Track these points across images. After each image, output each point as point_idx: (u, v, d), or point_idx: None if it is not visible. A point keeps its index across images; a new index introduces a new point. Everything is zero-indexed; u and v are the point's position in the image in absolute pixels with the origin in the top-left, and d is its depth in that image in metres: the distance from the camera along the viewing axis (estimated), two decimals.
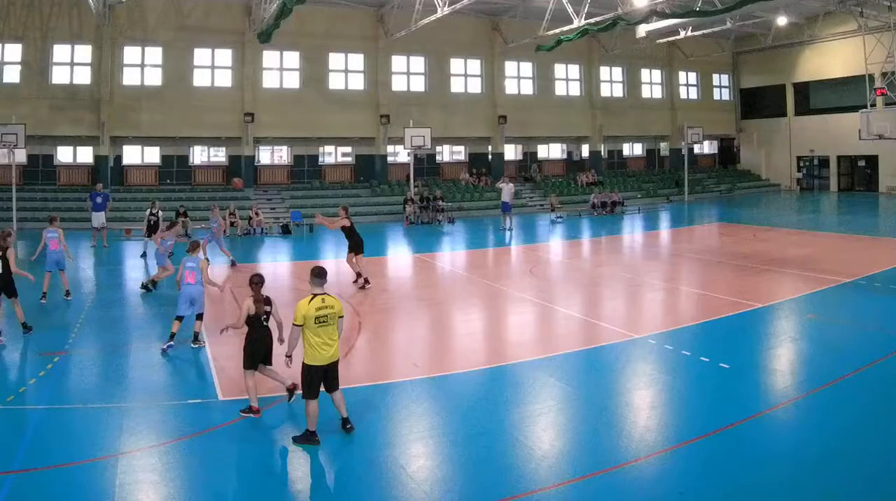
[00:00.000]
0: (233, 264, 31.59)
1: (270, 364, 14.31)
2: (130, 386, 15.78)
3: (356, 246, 26.82)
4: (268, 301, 14.12)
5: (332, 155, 61.39)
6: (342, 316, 12.84)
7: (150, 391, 15.32)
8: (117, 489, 10.68)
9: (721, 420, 13.36)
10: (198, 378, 16.54)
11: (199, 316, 18.70)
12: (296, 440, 12.49)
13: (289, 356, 12.76)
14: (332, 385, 12.78)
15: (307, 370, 12.40)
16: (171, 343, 18.18)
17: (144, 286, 26.90)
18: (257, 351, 14.00)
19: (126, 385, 15.86)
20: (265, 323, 14.04)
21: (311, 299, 12.44)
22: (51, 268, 24.40)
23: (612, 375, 16.51)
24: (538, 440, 12.77)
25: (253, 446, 12.64)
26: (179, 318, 18.43)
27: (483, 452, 12.11)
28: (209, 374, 16.45)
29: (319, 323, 12.33)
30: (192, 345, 18.38)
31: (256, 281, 14.21)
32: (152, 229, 33.14)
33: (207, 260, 20.98)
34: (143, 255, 34.41)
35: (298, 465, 11.96)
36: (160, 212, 34.59)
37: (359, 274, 26.85)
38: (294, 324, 12.42)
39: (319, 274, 12.82)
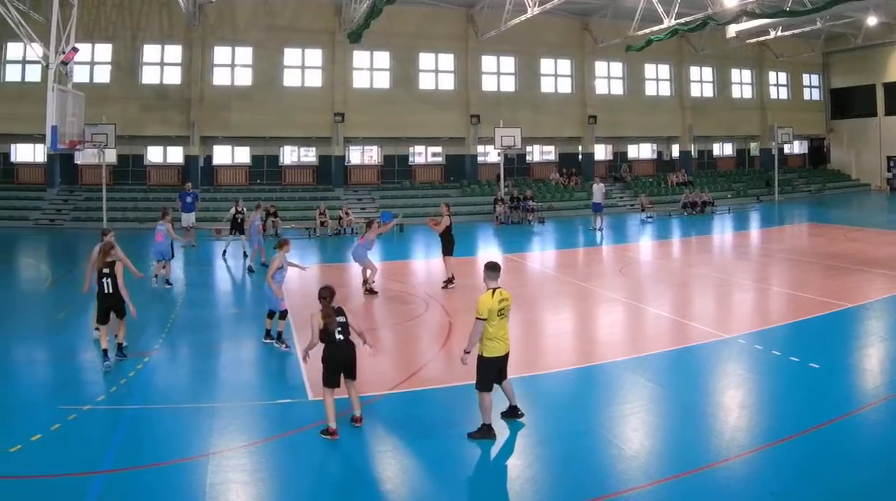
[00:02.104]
0: (249, 270, 29.25)
1: (354, 378, 12.94)
2: (220, 385, 15.42)
3: (448, 246, 25.54)
4: (340, 312, 12.67)
5: (422, 155, 58.32)
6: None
7: (239, 391, 14.89)
8: (207, 489, 10.28)
9: (811, 421, 12.68)
10: (287, 377, 15.81)
11: (271, 314, 17.89)
12: (471, 436, 12.05)
13: (468, 352, 12.17)
14: (503, 375, 12.47)
15: (486, 363, 12.06)
16: (271, 340, 17.72)
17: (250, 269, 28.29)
18: (335, 368, 12.60)
19: (216, 384, 15.49)
20: (342, 337, 12.61)
21: (493, 293, 12.02)
22: (157, 258, 25.35)
23: (701, 375, 15.90)
24: (628, 439, 12.19)
25: (342, 446, 11.99)
26: (283, 314, 17.71)
27: (573, 451, 11.68)
28: (299, 374, 15.52)
29: (500, 315, 12.03)
30: (264, 341, 17.86)
31: (325, 295, 12.76)
32: (238, 227, 32.62)
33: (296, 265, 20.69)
34: (224, 254, 32.86)
35: (387, 465, 11.43)
36: (245, 210, 32.98)
37: (453, 276, 25.42)
38: (478, 319, 11.92)
39: (495, 269, 12.43)
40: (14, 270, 31.67)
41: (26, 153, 50.44)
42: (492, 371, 12.07)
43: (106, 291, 16.12)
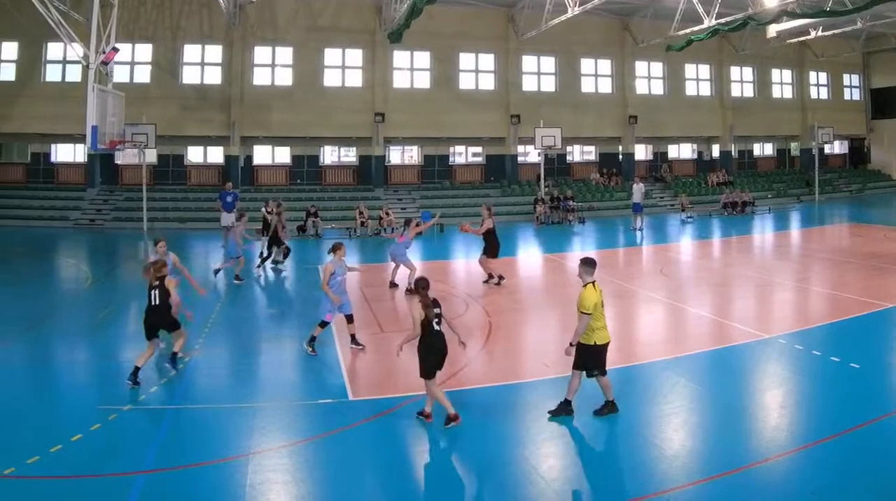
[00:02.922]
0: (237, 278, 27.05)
1: (441, 369, 12.83)
2: (260, 385, 15.27)
3: (493, 249, 25.22)
4: (436, 303, 12.71)
5: (462, 155, 56.99)
6: None
7: (280, 391, 14.64)
8: (248, 489, 10.23)
9: (851, 421, 12.37)
10: (328, 378, 15.49)
11: (323, 324, 16.99)
12: (598, 413, 12.51)
13: (573, 344, 12.34)
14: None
15: (598, 350, 12.31)
16: (357, 347, 17.10)
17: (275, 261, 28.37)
18: (438, 357, 12.63)
19: (256, 384, 15.32)
20: (438, 328, 12.60)
21: (593, 286, 12.27)
22: (231, 256, 26.30)
23: (742, 375, 15.59)
24: (668, 439, 12.00)
25: (383, 446, 11.90)
26: (348, 317, 17.18)
27: (613, 451, 11.72)
28: (340, 374, 15.52)
29: (602, 307, 12.31)
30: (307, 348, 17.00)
31: (423, 285, 12.83)
32: (268, 228, 30.89)
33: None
34: (261, 254, 30.87)
35: (428, 465, 11.28)
36: (274, 211, 31.48)
37: (491, 276, 25.25)
38: (584, 313, 12.10)
39: (592, 264, 12.63)
40: (54, 270, 31.19)
41: (67, 153, 49.83)
42: (601, 357, 12.39)
43: (152, 303, 15.25)
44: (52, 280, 28.76)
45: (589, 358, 12.35)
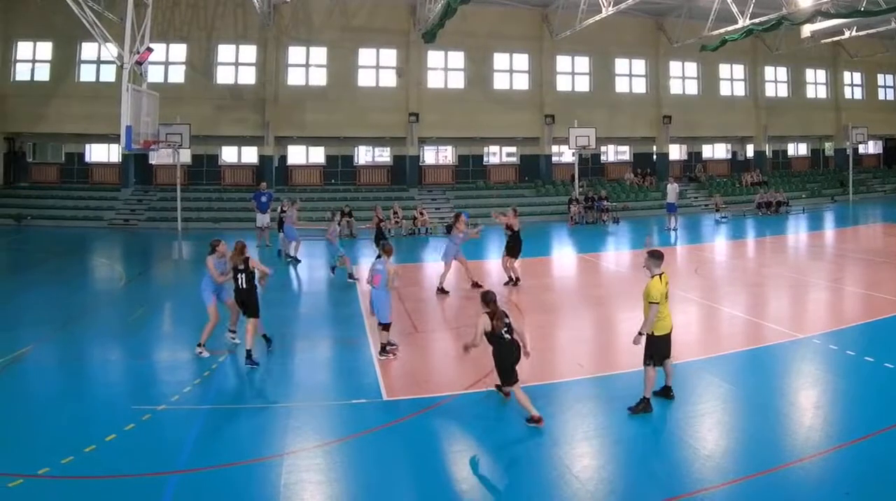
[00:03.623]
0: (333, 270, 27.49)
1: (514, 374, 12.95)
2: (295, 385, 14.91)
3: (516, 250, 24.63)
4: (505, 313, 12.81)
5: (496, 155, 55.70)
6: None
7: (314, 391, 14.42)
8: (282, 489, 10.04)
9: (886, 421, 12.01)
10: (362, 378, 15.06)
11: (383, 326, 16.35)
12: (633, 410, 12.44)
13: (642, 334, 12.48)
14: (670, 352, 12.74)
15: (660, 340, 12.47)
16: (384, 356, 16.15)
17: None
18: (512, 364, 12.68)
19: (290, 384, 14.98)
20: (509, 336, 12.66)
21: (660, 278, 12.42)
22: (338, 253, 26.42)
23: (776, 375, 15.24)
24: (703, 439, 11.72)
25: (417, 446, 11.62)
26: (386, 327, 16.28)
27: (647, 452, 11.37)
28: (374, 374, 15.17)
29: (666, 298, 12.38)
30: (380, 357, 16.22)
31: (492, 298, 12.91)
32: (279, 225, 31.64)
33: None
34: (279, 253, 31.83)
35: (462, 465, 11.01)
36: (289, 210, 31.38)
37: (510, 278, 24.72)
38: (652, 303, 12.23)
39: (660, 257, 12.73)
40: (88, 270, 30.84)
41: (101, 153, 49.44)
42: (664, 346, 12.47)
43: (241, 286, 16.24)
44: (87, 280, 28.36)
45: (649, 346, 12.44)
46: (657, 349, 12.47)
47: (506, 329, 12.58)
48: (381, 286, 16.11)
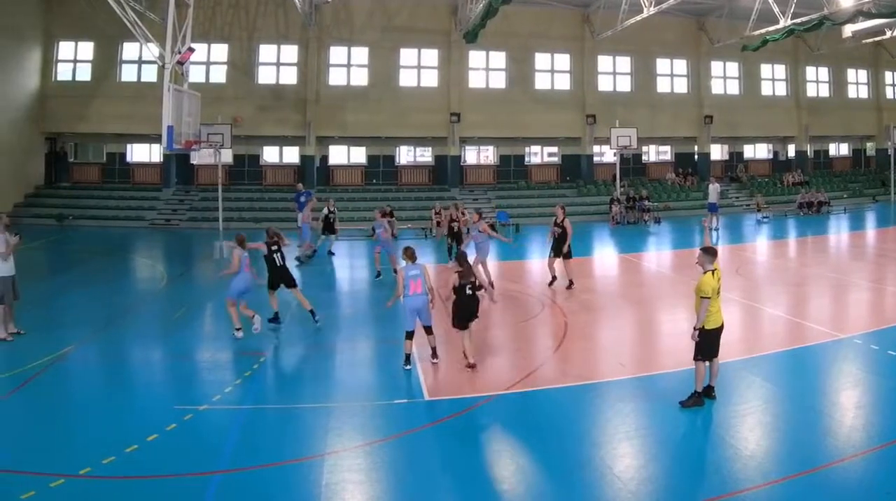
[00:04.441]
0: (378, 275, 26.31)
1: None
2: (335, 385, 14.52)
3: (563, 249, 23.46)
4: (472, 274, 14.67)
5: (537, 155, 54.13)
6: None
7: (355, 391, 14.02)
8: (323, 489, 9.78)
9: None
10: (403, 378, 14.64)
11: (429, 330, 15.52)
12: (684, 404, 12.32)
13: (697, 329, 12.32)
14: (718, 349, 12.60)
15: (711, 334, 12.34)
16: (409, 366, 15.09)
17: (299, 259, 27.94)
18: (465, 315, 14.57)
19: (331, 384, 14.58)
20: (469, 291, 14.39)
21: (713, 274, 12.29)
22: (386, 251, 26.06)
23: (817, 375, 14.87)
24: (744, 439, 11.35)
25: (458, 446, 11.44)
26: (410, 335, 15.18)
27: (689, 452, 11.19)
28: (415, 374, 14.74)
29: (717, 293, 12.27)
30: (405, 367, 15.20)
31: (464, 259, 15.09)
32: (329, 227, 31.03)
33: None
34: (331, 253, 31.48)
35: (503, 465, 10.81)
36: (336, 210, 31.58)
37: (554, 278, 23.91)
38: (704, 298, 12.13)
39: (713, 253, 12.55)
40: (130, 270, 30.44)
41: (142, 153, 48.59)
42: (714, 341, 12.34)
43: (278, 264, 18.04)
44: (128, 279, 27.93)
45: (700, 341, 12.32)
46: (707, 343, 12.34)
47: (469, 286, 14.33)
48: (424, 291, 15.28)
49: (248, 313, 17.55)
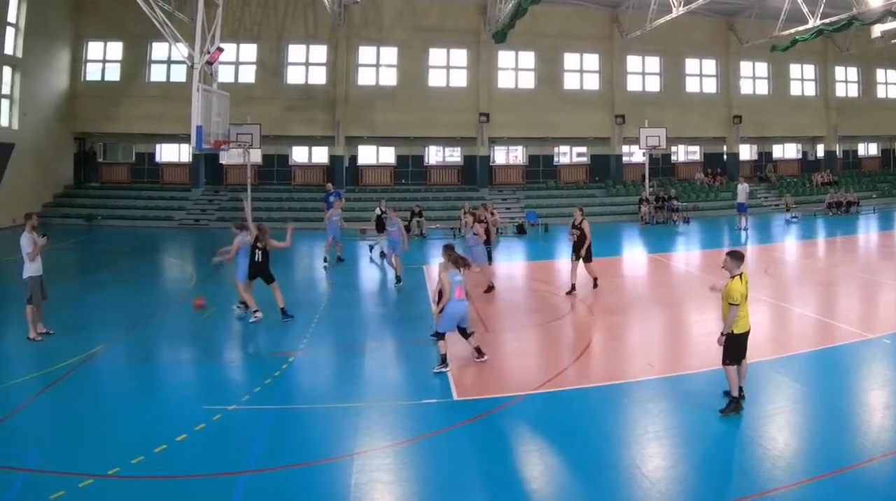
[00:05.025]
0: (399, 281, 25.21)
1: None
2: (365, 385, 14.17)
3: (581, 253, 22.56)
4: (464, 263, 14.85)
5: (566, 155, 53.14)
6: None
7: (384, 391, 13.69)
8: (352, 488, 9.55)
9: None
10: (432, 377, 14.08)
11: (467, 333, 15.08)
12: (724, 412, 11.73)
13: (724, 334, 11.88)
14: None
15: (739, 339, 11.87)
16: (445, 368, 14.41)
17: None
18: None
19: (360, 384, 14.23)
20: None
21: (741, 278, 11.83)
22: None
23: (846, 375, 14.32)
24: (772, 439, 10.98)
25: (487, 446, 11.16)
26: (443, 336, 14.57)
27: (717, 451, 10.86)
28: (445, 374, 14.14)
29: (745, 297, 11.81)
30: (440, 369, 14.51)
31: (451, 250, 14.91)
32: (382, 227, 29.98)
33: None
34: (382, 254, 29.89)
35: (532, 465, 10.53)
36: (388, 210, 29.92)
37: (573, 288, 22.57)
38: (733, 304, 11.63)
39: (741, 257, 12.16)
40: (159, 270, 30.19)
41: (171, 153, 47.98)
42: (742, 344, 11.86)
43: (256, 260, 18.08)
44: (157, 279, 27.70)
45: (729, 345, 11.86)
46: (736, 347, 11.89)
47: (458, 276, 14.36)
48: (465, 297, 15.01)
49: (250, 300, 18.29)
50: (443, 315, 14.60)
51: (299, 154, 48.90)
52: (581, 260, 22.56)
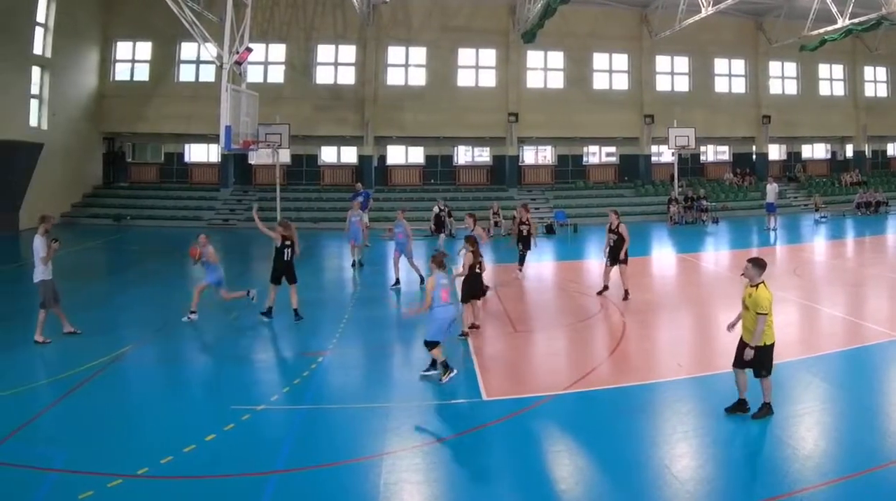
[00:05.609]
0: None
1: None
2: (393, 385, 13.95)
3: (620, 256, 21.44)
4: (481, 255, 16.17)
5: (595, 154, 51.73)
6: None
7: (413, 391, 13.29)
8: (381, 489, 9.40)
9: None
10: (462, 378, 13.61)
11: (463, 334, 15.40)
12: (755, 416, 11.18)
13: (752, 348, 11.06)
14: None
15: (770, 350, 11.11)
16: (452, 372, 13.52)
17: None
18: (474, 291, 16.13)
19: (389, 384, 14.03)
20: (479, 271, 16.01)
21: (765, 286, 11.03)
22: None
23: (876, 375, 13.98)
24: (802, 439, 10.74)
25: (516, 446, 10.91)
26: (436, 344, 13.39)
27: (746, 452, 10.61)
28: (473, 374, 13.97)
29: (772, 306, 11.00)
30: (446, 379, 13.49)
31: (474, 241, 16.08)
32: (441, 226, 31.04)
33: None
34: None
35: (561, 465, 10.26)
36: (447, 208, 31.15)
37: (606, 288, 21.68)
38: (762, 314, 10.82)
39: (763, 266, 11.32)
40: (187, 270, 28.92)
41: (200, 153, 47.29)
42: (768, 357, 11.10)
43: (286, 259, 17.80)
44: (185, 280, 26.67)
45: (764, 357, 11.07)
46: (769, 358, 11.19)
47: (478, 267, 15.27)
48: (455, 301, 14.73)
49: (239, 293, 18.80)
50: (430, 321, 13.60)
51: (328, 154, 48.09)
52: (617, 264, 21.62)
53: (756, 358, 11.13)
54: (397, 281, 23.74)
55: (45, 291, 15.84)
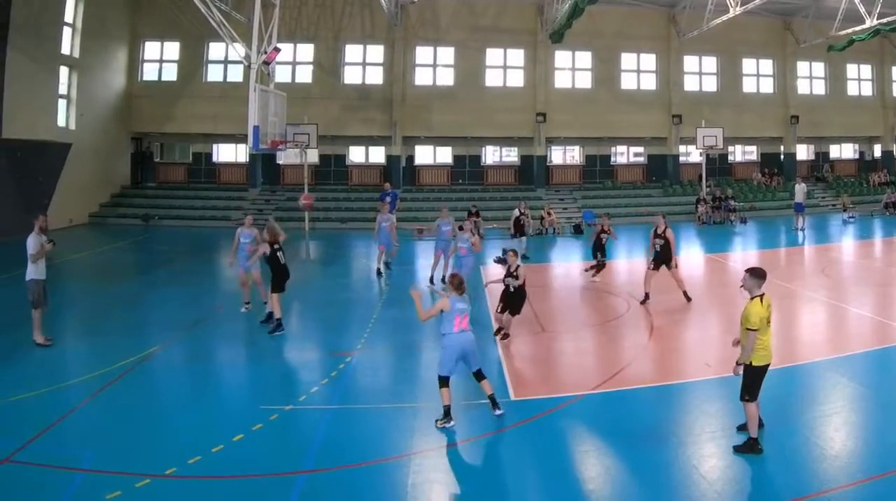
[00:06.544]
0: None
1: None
2: (421, 385, 13.55)
3: (671, 263, 20.67)
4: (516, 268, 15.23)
5: (623, 155, 50.18)
6: None
7: (438, 391, 11.71)
8: (409, 489, 9.31)
9: None
10: (490, 377, 12.36)
11: (480, 374, 11.83)
12: (738, 449, 10.12)
13: (740, 364, 10.11)
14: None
15: (758, 371, 10.04)
16: (449, 423, 11.29)
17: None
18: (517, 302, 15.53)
19: (417, 384, 13.71)
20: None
21: (761, 300, 10.00)
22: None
23: None
24: (830, 439, 10.53)
25: (544, 446, 10.67)
26: (446, 382, 11.34)
27: (774, 452, 10.10)
28: (501, 374, 13.80)
29: (768, 323, 10.06)
30: (444, 425, 11.40)
31: (508, 256, 16.35)
32: (520, 229, 29.76)
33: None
34: (525, 258, 27.09)
35: (589, 465, 10.10)
36: (528, 212, 30.40)
37: (647, 296, 20.45)
38: (751, 330, 9.86)
39: (761, 275, 10.22)
40: (215, 270, 29.22)
41: (228, 153, 46.08)
42: (761, 379, 10.06)
43: (282, 262, 16.67)
44: (214, 279, 26.84)
45: (747, 377, 10.03)
46: (755, 380, 10.12)
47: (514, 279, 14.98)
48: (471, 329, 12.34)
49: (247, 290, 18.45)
50: (442, 351, 11.71)
51: (356, 154, 46.95)
52: (668, 269, 20.75)
53: (743, 377, 10.28)
54: (432, 280, 23.16)
55: (35, 290, 15.26)
